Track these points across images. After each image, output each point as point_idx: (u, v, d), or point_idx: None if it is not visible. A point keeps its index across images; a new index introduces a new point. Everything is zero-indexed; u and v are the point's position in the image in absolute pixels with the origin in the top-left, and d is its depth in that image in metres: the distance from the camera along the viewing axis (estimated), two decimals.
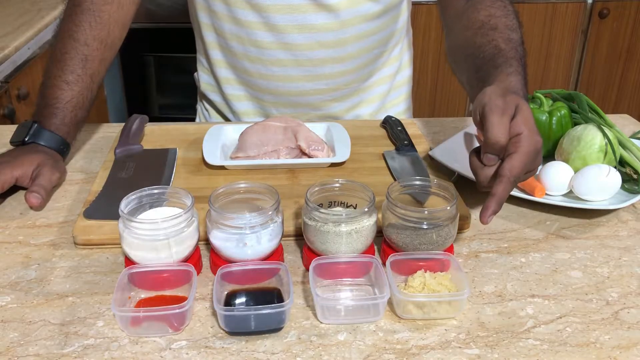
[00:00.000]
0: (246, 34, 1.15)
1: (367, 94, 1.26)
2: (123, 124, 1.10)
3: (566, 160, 0.94)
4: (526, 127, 0.75)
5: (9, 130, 1.07)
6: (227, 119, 1.30)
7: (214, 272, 0.76)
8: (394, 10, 1.20)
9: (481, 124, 0.77)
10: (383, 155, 1.04)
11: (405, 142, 1.05)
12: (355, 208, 0.80)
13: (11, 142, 1.00)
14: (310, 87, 1.19)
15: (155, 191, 0.78)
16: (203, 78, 1.30)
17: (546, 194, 0.91)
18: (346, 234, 0.74)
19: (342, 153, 1.00)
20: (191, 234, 0.75)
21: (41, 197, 0.89)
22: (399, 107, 1.31)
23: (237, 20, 1.14)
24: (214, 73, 1.25)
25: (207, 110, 1.33)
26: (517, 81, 0.85)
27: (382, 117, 1.16)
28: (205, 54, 1.25)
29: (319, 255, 0.76)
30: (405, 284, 0.73)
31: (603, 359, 0.66)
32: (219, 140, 1.05)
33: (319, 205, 0.75)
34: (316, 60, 1.16)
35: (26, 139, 0.98)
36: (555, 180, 0.90)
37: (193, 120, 1.40)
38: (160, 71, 2.53)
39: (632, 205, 0.92)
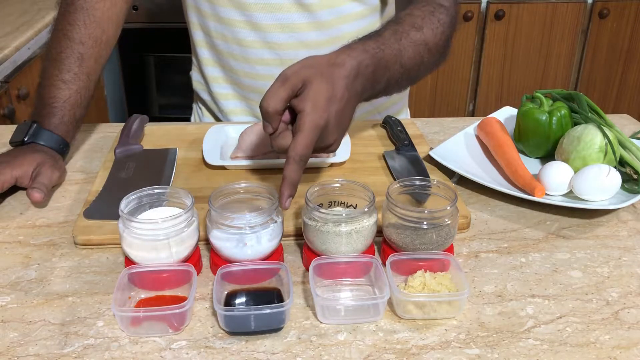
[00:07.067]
0: (230, 32, 1.14)
1: None
2: (123, 124, 1.10)
3: (566, 160, 0.94)
4: (309, 103, 0.74)
5: (9, 130, 1.07)
6: (217, 118, 1.29)
7: (214, 272, 0.76)
8: (378, 12, 1.18)
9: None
10: (383, 155, 1.04)
11: (405, 142, 1.05)
12: (355, 208, 0.80)
13: (10, 143, 1.00)
14: None
15: (155, 191, 0.78)
16: (194, 77, 1.30)
17: (546, 194, 0.91)
18: (346, 234, 0.74)
19: (342, 153, 1.00)
20: (191, 234, 0.75)
21: (43, 192, 0.89)
22: (393, 108, 1.30)
23: (221, 18, 1.14)
24: (203, 71, 1.25)
25: (200, 109, 1.33)
26: (351, 56, 0.80)
27: (376, 118, 1.15)
28: (195, 53, 1.25)
29: (319, 255, 0.76)
30: (405, 284, 0.73)
31: (603, 359, 0.66)
32: (219, 140, 1.05)
33: (319, 205, 0.75)
34: None
35: (25, 139, 0.98)
36: (555, 180, 0.90)
37: (189, 119, 1.40)
38: (160, 71, 2.53)
39: (632, 205, 0.92)
